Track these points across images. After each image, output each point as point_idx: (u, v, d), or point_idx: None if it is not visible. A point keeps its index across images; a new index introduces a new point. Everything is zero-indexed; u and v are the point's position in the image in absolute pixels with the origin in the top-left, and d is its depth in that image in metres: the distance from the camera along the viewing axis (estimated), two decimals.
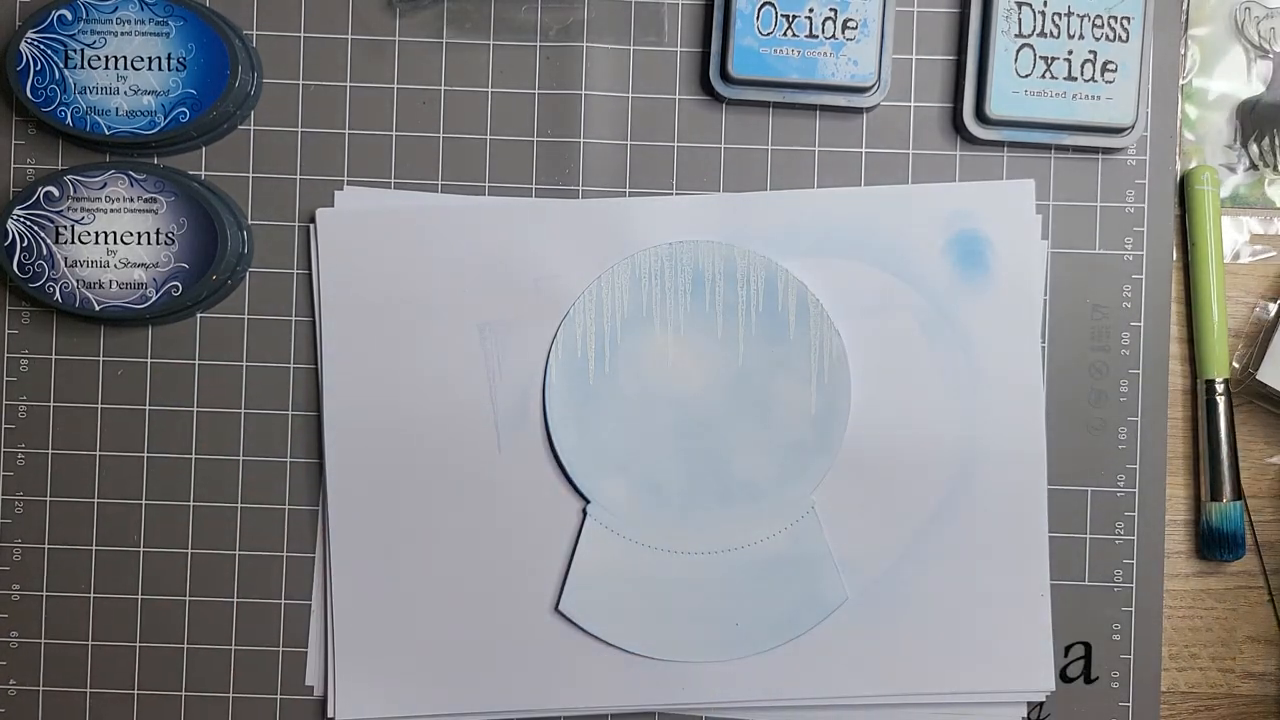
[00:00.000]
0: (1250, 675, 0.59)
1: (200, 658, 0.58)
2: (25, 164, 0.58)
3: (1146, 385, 0.58)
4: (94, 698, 0.58)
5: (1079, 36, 0.56)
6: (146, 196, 0.56)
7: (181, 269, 0.56)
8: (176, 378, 0.58)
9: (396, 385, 0.57)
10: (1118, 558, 0.58)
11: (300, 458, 0.58)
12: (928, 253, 0.57)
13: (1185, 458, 0.59)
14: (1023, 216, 0.58)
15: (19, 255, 0.55)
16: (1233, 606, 0.59)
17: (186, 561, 0.58)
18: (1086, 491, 0.58)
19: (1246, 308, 0.59)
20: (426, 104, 0.58)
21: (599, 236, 0.57)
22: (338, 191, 0.58)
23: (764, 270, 0.57)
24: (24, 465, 0.58)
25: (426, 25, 0.58)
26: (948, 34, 0.58)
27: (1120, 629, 0.58)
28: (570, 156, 0.58)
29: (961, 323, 0.57)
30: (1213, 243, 0.58)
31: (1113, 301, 0.58)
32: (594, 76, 0.58)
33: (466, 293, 0.57)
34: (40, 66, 0.55)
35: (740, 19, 0.56)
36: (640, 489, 0.57)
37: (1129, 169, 0.58)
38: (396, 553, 0.57)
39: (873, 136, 0.58)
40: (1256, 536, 0.59)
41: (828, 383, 0.57)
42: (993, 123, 0.57)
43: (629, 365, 0.57)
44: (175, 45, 0.55)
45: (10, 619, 0.58)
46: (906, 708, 0.57)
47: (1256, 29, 0.59)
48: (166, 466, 0.58)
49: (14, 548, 0.58)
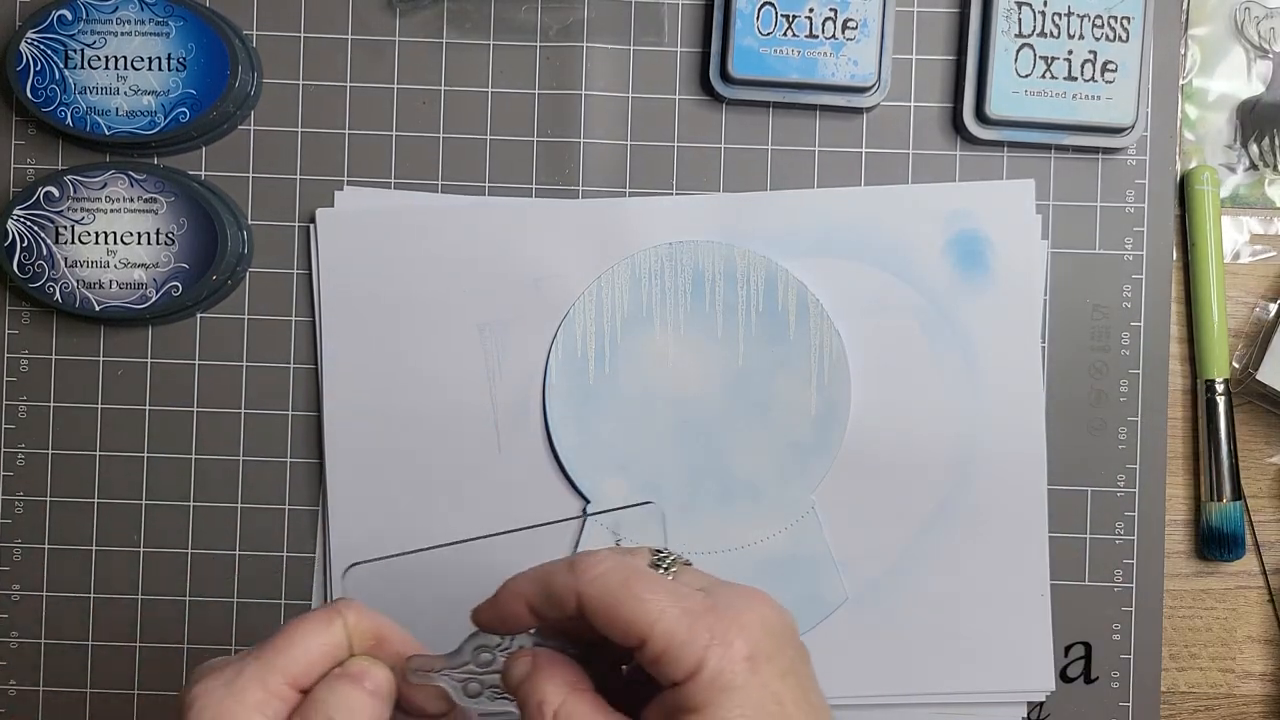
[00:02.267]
0: (1250, 675, 0.59)
1: (200, 658, 0.58)
2: (25, 164, 0.58)
3: (1146, 385, 0.58)
4: (94, 698, 0.58)
5: (1079, 36, 0.56)
6: (146, 196, 0.56)
7: (181, 269, 0.56)
8: (176, 378, 0.58)
9: (396, 385, 0.57)
10: (1118, 558, 0.58)
11: (300, 458, 0.58)
12: (928, 253, 0.57)
13: (1185, 458, 0.59)
14: (1023, 216, 0.58)
15: (19, 255, 0.55)
16: (1233, 606, 0.59)
17: (186, 561, 0.58)
18: (1086, 491, 0.58)
19: (1246, 308, 0.59)
20: (426, 104, 0.58)
21: (599, 236, 0.57)
22: (338, 191, 0.58)
23: (764, 270, 0.57)
24: (24, 465, 0.58)
25: (426, 25, 0.58)
26: (948, 34, 0.58)
27: (1120, 629, 0.58)
28: (570, 156, 0.58)
29: (961, 323, 0.57)
30: (1213, 243, 0.58)
31: (1113, 301, 0.58)
32: (594, 76, 0.58)
33: (466, 293, 0.57)
34: (40, 66, 0.55)
35: (740, 19, 0.56)
36: (640, 489, 0.57)
37: (1129, 169, 0.58)
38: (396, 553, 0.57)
39: (873, 136, 0.58)
40: (1256, 536, 0.59)
41: (828, 383, 0.57)
42: (993, 123, 0.57)
43: (629, 365, 0.57)
44: (175, 45, 0.55)
45: (10, 619, 0.58)
46: (906, 708, 0.57)
47: (1256, 29, 0.59)
48: (166, 466, 0.58)
49: (14, 548, 0.58)
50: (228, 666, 0.36)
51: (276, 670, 0.36)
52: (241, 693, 0.35)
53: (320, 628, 0.37)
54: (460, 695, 0.39)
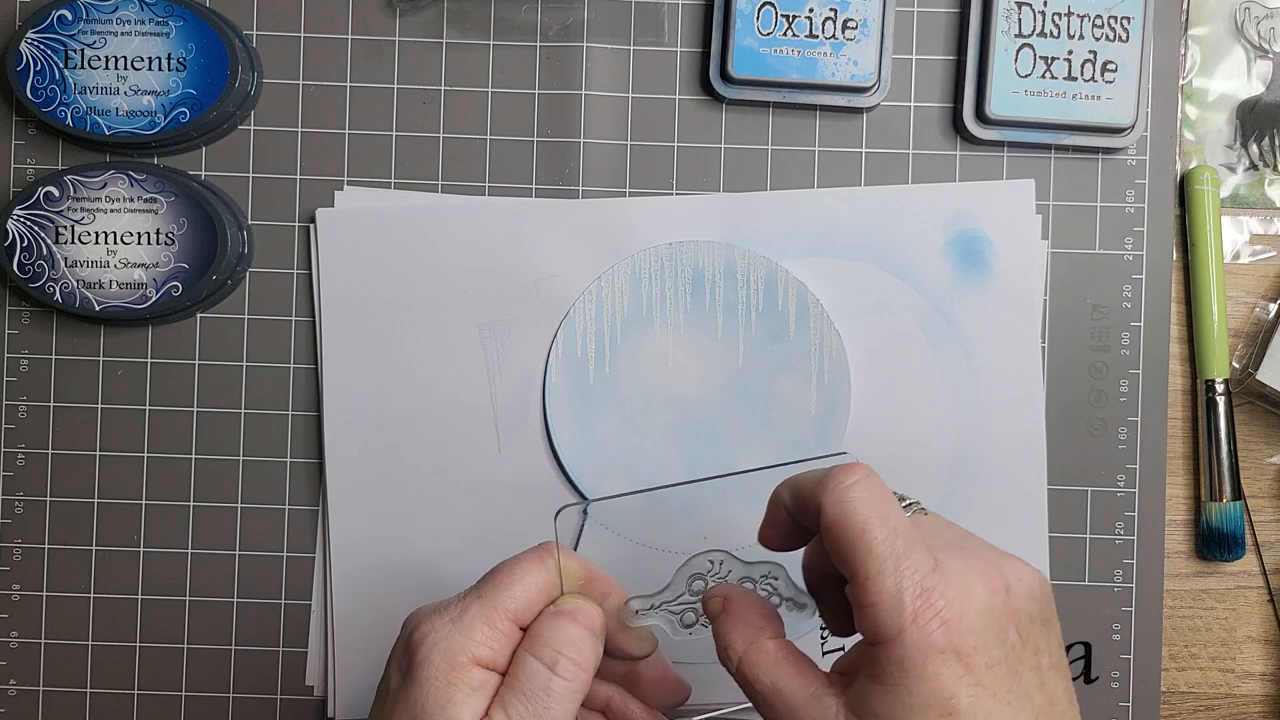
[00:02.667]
0: (1250, 675, 0.59)
1: (200, 658, 0.58)
2: (25, 164, 0.58)
3: (1146, 385, 0.58)
4: (94, 698, 0.58)
5: (1079, 36, 0.56)
6: (146, 196, 0.56)
7: (181, 269, 0.56)
8: (176, 378, 0.58)
9: (396, 385, 0.57)
10: (1118, 558, 0.58)
11: (300, 458, 0.58)
12: (928, 253, 0.57)
13: (1185, 458, 0.59)
14: (1023, 216, 0.58)
15: (19, 255, 0.55)
16: (1233, 606, 0.59)
17: (186, 561, 0.58)
18: (1086, 491, 0.58)
19: (1246, 308, 0.59)
20: (426, 104, 0.58)
21: (599, 236, 0.57)
22: (338, 191, 0.58)
23: (764, 270, 0.57)
24: (24, 465, 0.58)
25: (426, 25, 0.58)
26: (948, 34, 0.58)
27: (1120, 629, 0.58)
28: (570, 156, 0.58)
29: (961, 323, 0.57)
30: (1213, 243, 0.58)
31: (1113, 301, 0.58)
32: (594, 76, 0.58)
33: (466, 293, 0.57)
34: (40, 66, 0.55)
35: (740, 19, 0.56)
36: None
37: (1129, 169, 0.58)
38: (396, 552, 0.57)
39: (873, 136, 0.58)
40: (1256, 536, 0.59)
41: (828, 383, 0.57)
42: (993, 123, 0.57)
43: (629, 365, 0.57)
44: (175, 45, 0.55)
45: (10, 619, 0.58)
46: None
47: (1256, 29, 0.59)
48: (166, 466, 0.58)
49: (14, 548, 0.58)
50: (450, 606, 0.39)
51: (499, 608, 0.38)
52: (469, 629, 0.38)
53: (535, 567, 0.40)
54: (677, 628, 0.41)
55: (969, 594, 0.35)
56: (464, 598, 0.39)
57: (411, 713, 0.37)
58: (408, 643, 0.38)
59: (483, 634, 0.38)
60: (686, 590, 0.41)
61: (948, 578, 0.35)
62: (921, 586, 0.34)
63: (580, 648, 0.39)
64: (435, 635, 0.38)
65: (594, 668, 0.39)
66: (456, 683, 0.37)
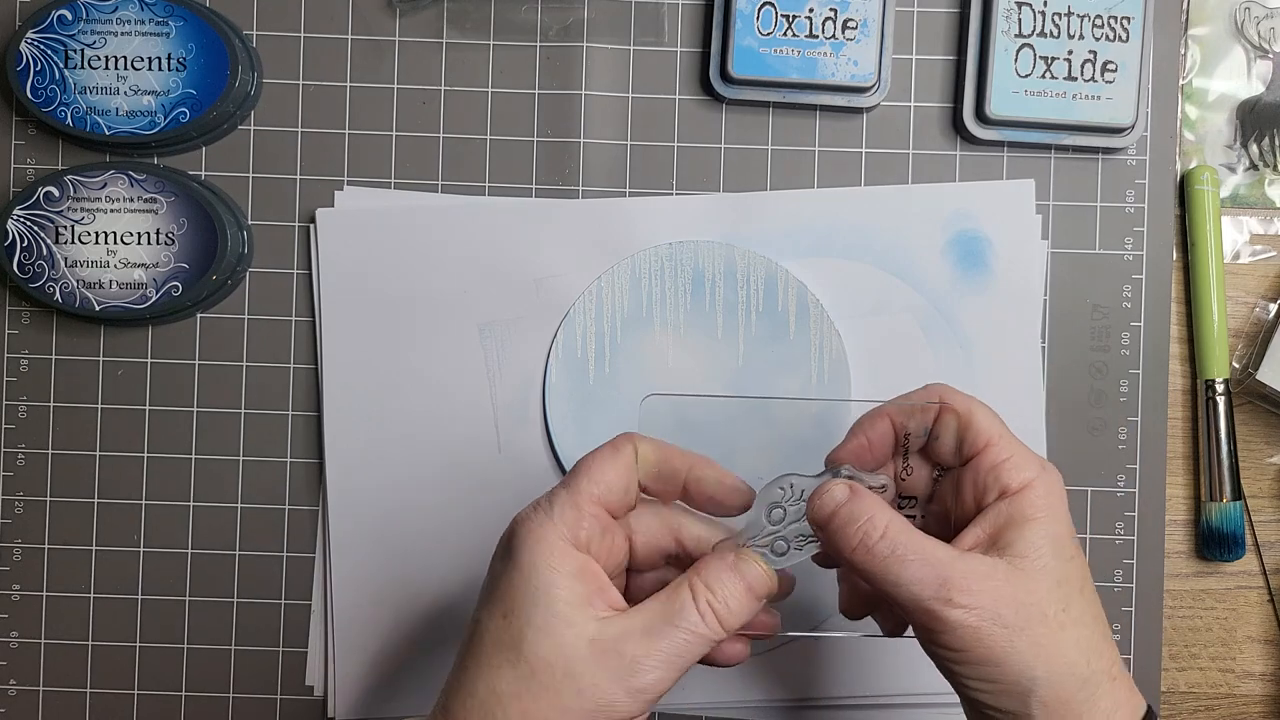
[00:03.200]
0: (1250, 675, 0.59)
1: (200, 658, 0.58)
2: (25, 164, 0.58)
3: (1146, 385, 0.58)
4: (94, 698, 0.58)
5: (1079, 36, 0.56)
6: (146, 196, 0.56)
7: (181, 269, 0.56)
8: (176, 378, 0.58)
9: (397, 385, 0.57)
10: (1118, 558, 0.58)
11: (300, 458, 0.58)
12: (928, 253, 0.57)
13: (1185, 458, 0.59)
14: (1023, 216, 0.58)
15: (19, 255, 0.55)
16: (1233, 606, 0.59)
17: (186, 561, 0.58)
18: (1086, 491, 0.58)
19: (1246, 308, 0.59)
20: (426, 104, 0.58)
21: (599, 236, 0.57)
22: (338, 191, 0.58)
23: (764, 270, 0.57)
24: (24, 465, 0.58)
25: (426, 25, 0.58)
26: (948, 34, 0.58)
27: (1120, 629, 0.58)
28: (570, 156, 0.58)
29: (961, 323, 0.57)
30: (1213, 243, 0.58)
31: (1113, 301, 0.58)
32: (594, 76, 0.58)
33: (466, 293, 0.57)
34: (40, 66, 0.55)
35: (740, 19, 0.56)
36: None
37: (1129, 169, 0.58)
38: (397, 553, 0.57)
39: (873, 136, 0.58)
40: (1256, 536, 0.59)
41: (828, 383, 0.57)
42: (993, 123, 0.57)
43: (629, 365, 0.57)
44: (175, 45, 0.55)
45: (10, 619, 0.58)
46: (907, 708, 0.57)
47: (1256, 29, 0.59)
48: (166, 466, 0.58)
49: (14, 548, 0.58)
50: (541, 502, 0.42)
51: (583, 494, 0.41)
52: (560, 516, 0.41)
53: (612, 455, 0.43)
54: (771, 559, 0.42)
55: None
56: (553, 492, 0.42)
57: (514, 594, 0.40)
58: (509, 539, 0.41)
59: (572, 516, 0.41)
60: (768, 520, 0.43)
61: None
62: (1042, 460, 0.42)
63: (734, 604, 0.40)
64: (528, 524, 0.41)
65: (737, 628, 0.41)
66: (555, 566, 0.40)
